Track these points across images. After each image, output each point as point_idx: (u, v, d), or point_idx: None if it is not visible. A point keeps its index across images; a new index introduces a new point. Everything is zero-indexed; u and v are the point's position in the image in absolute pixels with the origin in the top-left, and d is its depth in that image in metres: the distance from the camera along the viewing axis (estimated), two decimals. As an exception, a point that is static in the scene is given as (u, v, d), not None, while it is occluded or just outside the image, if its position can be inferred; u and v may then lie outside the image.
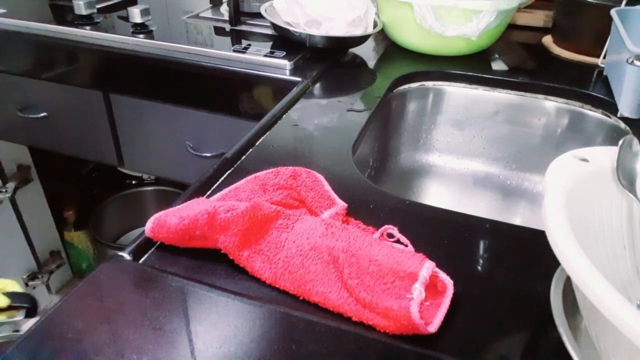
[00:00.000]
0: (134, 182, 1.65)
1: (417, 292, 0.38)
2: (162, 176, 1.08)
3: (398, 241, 0.47)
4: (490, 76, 0.88)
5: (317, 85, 0.82)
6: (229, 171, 0.58)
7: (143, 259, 0.45)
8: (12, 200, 1.34)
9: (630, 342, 0.27)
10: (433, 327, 0.38)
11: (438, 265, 0.42)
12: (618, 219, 0.42)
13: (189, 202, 0.48)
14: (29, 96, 1.08)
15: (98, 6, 1.08)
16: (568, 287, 0.42)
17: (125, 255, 0.45)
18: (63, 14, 1.07)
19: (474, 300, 0.42)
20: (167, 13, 1.11)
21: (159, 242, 0.46)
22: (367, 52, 0.97)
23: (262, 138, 0.66)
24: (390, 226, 0.48)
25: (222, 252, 0.44)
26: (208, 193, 0.54)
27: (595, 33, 0.90)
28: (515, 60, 0.96)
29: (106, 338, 0.38)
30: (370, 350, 0.37)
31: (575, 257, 0.31)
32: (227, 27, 1.03)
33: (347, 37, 0.90)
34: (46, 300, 1.53)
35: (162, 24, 1.03)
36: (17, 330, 0.64)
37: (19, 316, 0.67)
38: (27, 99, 1.09)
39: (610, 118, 0.81)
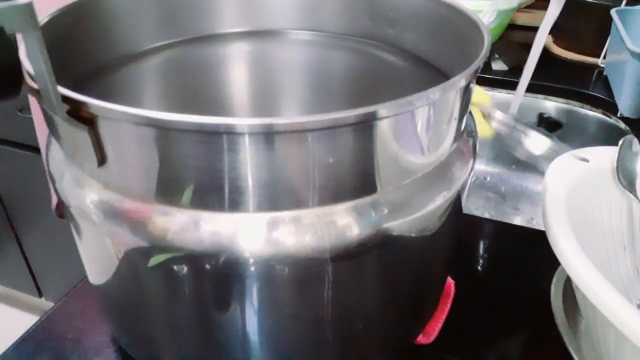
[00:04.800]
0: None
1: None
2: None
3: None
4: (490, 76, 0.88)
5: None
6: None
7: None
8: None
9: (631, 342, 0.27)
10: (431, 338, 0.38)
11: (438, 265, 0.42)
12: (618, 219, 0.42)
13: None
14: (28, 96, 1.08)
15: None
16: (568, 287, 0.42)
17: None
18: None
19: (474, 300, 0.42)
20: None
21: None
22: (367, 52, 0.97)
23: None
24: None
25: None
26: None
27: (595, 33, 0.90)
28: (515, 60, 0.95)
29: (106, 338, 0.38)
30: (370, 350, 0.37)
31: (575, 257, 0.31)
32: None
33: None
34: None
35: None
36: None
37: None
38: (27, 99, 1.09)
39: (610, 118, 0.81)
